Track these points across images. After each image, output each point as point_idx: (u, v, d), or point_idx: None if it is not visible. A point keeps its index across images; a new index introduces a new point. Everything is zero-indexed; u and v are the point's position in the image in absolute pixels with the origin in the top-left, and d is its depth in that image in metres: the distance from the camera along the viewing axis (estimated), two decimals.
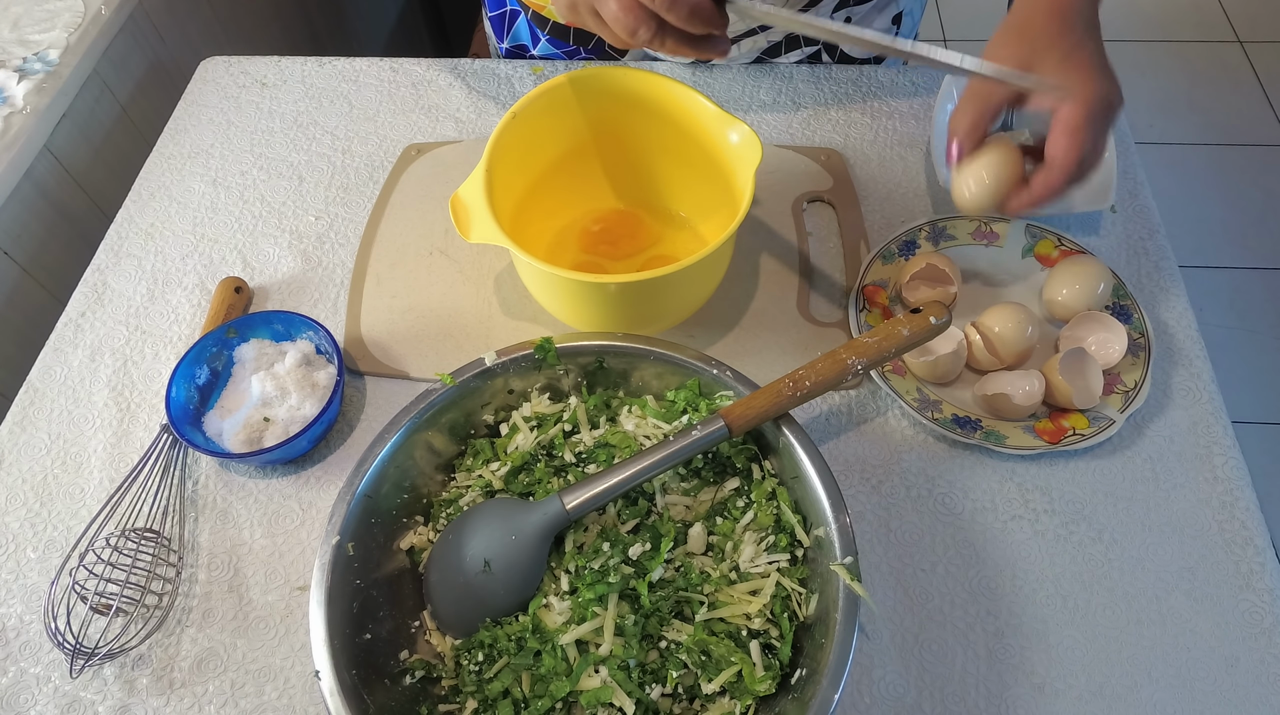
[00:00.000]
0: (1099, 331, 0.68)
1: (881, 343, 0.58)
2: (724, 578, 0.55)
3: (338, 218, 0.82)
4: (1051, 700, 0.57)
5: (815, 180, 0.81)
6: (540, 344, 0.61)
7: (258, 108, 0.91)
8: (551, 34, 0.92)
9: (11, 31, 0.91)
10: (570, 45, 0.92)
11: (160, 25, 1.05)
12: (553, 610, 0.55)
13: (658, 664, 0.54)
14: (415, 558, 0.60)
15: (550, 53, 0.94)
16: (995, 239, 0.75)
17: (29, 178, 0.86)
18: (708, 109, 0.66)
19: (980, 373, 0.69)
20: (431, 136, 0.87)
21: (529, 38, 0.94)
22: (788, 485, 0.58)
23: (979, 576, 0.61)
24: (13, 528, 0.66)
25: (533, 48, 0.95)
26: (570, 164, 0.74)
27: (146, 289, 0.78)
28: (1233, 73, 2.30)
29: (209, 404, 0.69)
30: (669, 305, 0.68)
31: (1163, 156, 2.14)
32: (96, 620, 0.60)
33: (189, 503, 0.66)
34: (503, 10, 0.95)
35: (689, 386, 0.61)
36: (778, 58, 0.91)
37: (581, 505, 0.54)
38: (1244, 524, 0.63)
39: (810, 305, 0.74)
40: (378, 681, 0.53)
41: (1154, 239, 0.77)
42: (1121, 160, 0.82)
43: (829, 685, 0.48)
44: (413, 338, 0.73)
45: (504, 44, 0.98)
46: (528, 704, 0.53)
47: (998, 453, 0.66)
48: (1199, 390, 0.69)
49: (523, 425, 0.62)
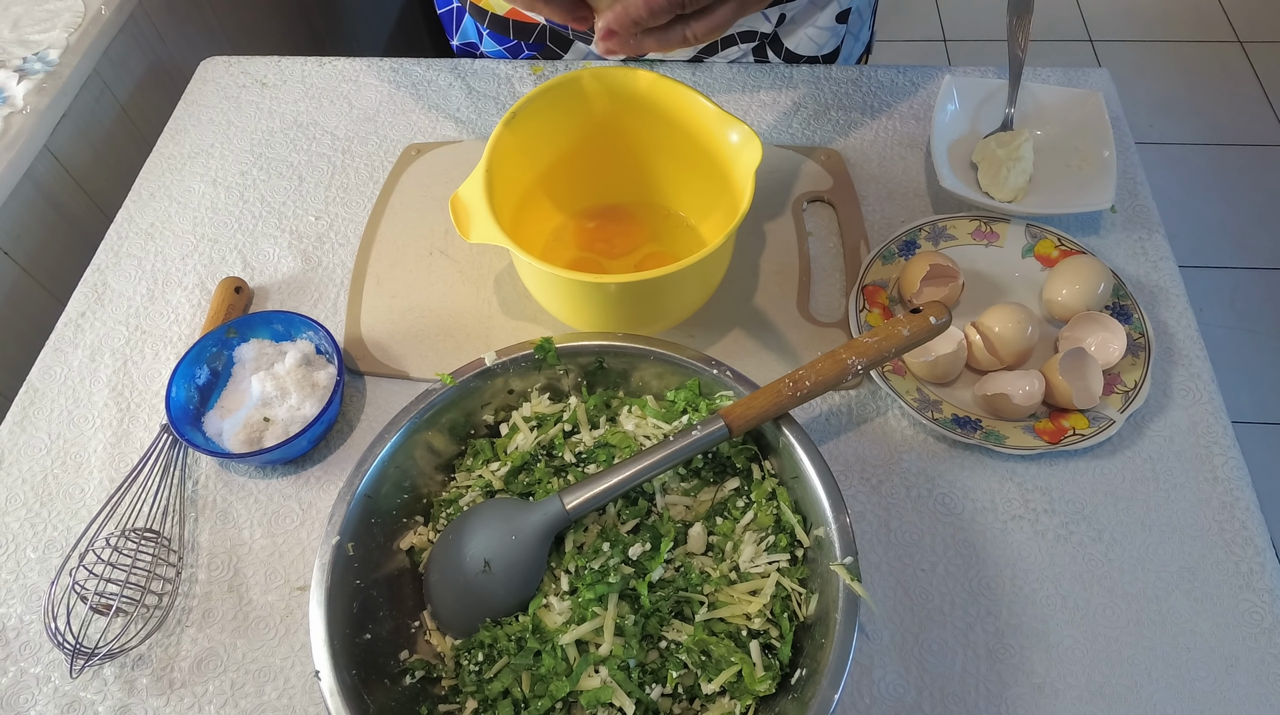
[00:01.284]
0: (1099, 331, 0.68)
1: (881, 343, 0.58)
2: (724, 578, 0.55)
3: (338, 218, 0.82)
4: (1051, 700, 0.57)
5: (815, 180, 0.81)
6: (540, 344, 0.61)
7: (258, 108, 0.91)
8: (491, 27, 0.91)
9: (11, 31, 0.91)
10: (511, 40, 0.91)
11: (160, 25, 1.05)
12: (553, 610, 0.55)
13: (658, 664, 0.54)
14: (415, 558, 0.60)
15: (494, 49, 0.93)
16: (995, 239, 0.76)
17: (29, 178, 0.86)
18: (708, 109, 0.66)
19: (980, 373, 0.69)
20: (431, 136, 0.87)
21: (475, 34, 0.94)
22: (788, 485, 0.58)
23: (979, 576, 0.61)
24: (13, 528, 0.66)
25: (480, 44, 0.94)
26: (570, 164, 0.74)
27: (146, 289, 0.78)
28: (1233, 73, 2.30)
29: (209, 404, 0.69)
30: (669, 305, 0.68)
31: (1163, 156, 2.14)
32: (96, 620, 0.60)
33: (189, 503, 0.66)
34: (450, 6, 0.94)
35: (689, 386, 0.61)
36: (713, 55, 0.90)
37: (581, 505, 0.54)
38: (1244, 524, 0.63)
39: (810, 305, 0.74)
40: (378, 681, 0.53)
41: (1154, 239, 0.77)
42: (1121, 160, 0.82)
43: (829, 685, 0.48)
44: (413, 338, 0.73)
45: (455, 41, 0.97)
46: (528, 704, 0.53)
47: (998, 453, 0.66)
48: (1199, 390, 0.69)
49: (523, 425, 0.62)
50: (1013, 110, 0.81)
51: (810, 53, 0.91)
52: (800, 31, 0.89)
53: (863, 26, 0.94)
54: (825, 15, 0.89)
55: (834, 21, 0.89)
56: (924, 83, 0.89)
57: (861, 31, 0.95)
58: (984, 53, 2.37)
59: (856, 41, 0.95)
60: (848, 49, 0.94)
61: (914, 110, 0.87)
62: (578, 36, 0.89)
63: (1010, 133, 0.80)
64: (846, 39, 0.92)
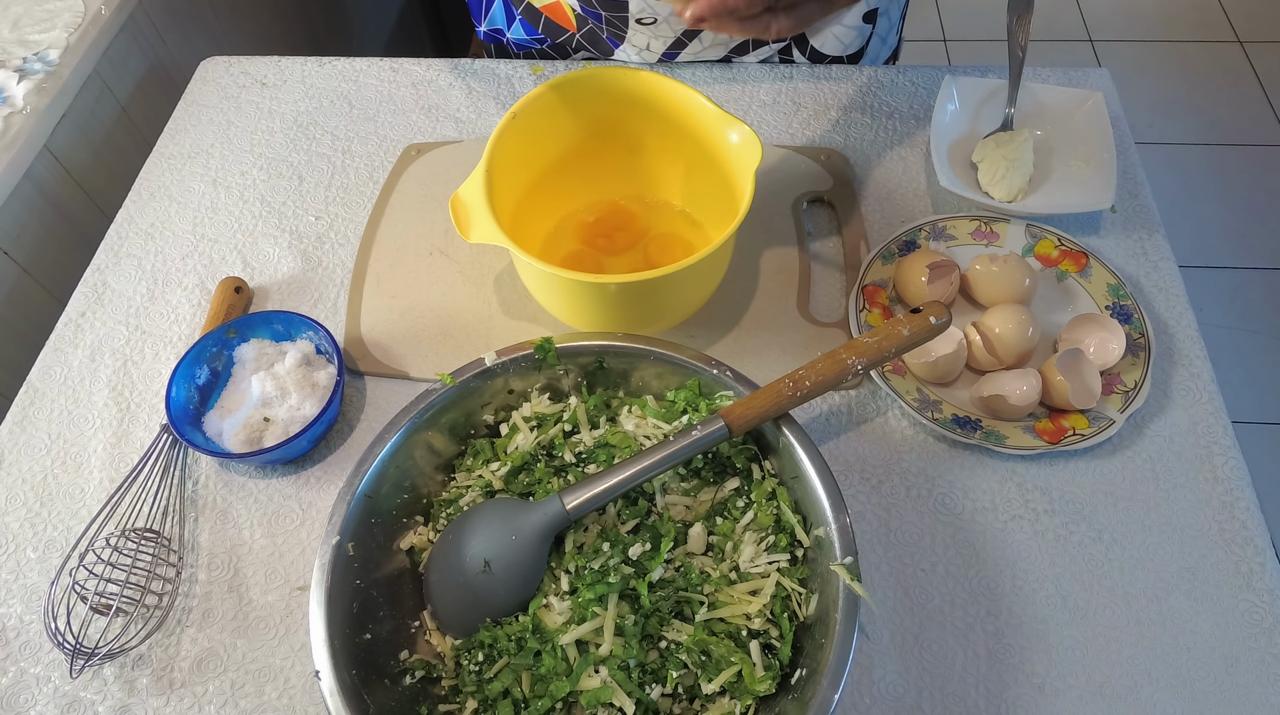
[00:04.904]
0: (1098, 332, 0.68)
1: (881, 343, 0.58)
2: (724, 578, 0.55)
3: (338, 218, 0.82)
4: (1051, 700, 0.57)
5: (815, 180, 0.81)
6: (540, 344, 0.61)
7: (258, 108, 0.91)
8: (524, 15, 0.91)
9: (11, 31, 0.91)
10: (539, 33, 0.91)
11: (160, 25, 1.05)
12: (553, 610, 0.55)
13: (658, 664, 0.54)
14: (415, 558, 0.60)
15: (520, 37, 0.93)
16: (995, 239, 0.75)
17: (29, 178, 0.86)
18: (708, 109, 0.66)
19: (980, 373, 0.69)
20: (431, 136, 0.87)
21: (504, 20, 0.94)
22: (788, 485, 0.58)
23: (979, 576, 0.61)
24: (13, 528, 0.66)
25: (507, 29, 0.94)
26: (570, 164, 0.74)
27: (146, 289, 0.78)
28: (1233, 73, 2.30)
29: (209, 404, 0.69)
30: (669, 305, 0.68)
31: (1163, 156, 2.14)
32: (96, 620, 0.60)
33: (189, 503, 0.66)
34: None
35: (689, 386, 0.61)
36: (744, 55, 0.91)
37: (581, 505, 0.54)
38: (1244, 524, 0.63)
39: (810, 305, 0.74)
40: (378, 681, 0.53)
41: (1154, 239, 0.77)
42: (1121, 160, 0.82)
43: (829, 685, 0.48)
44: (413, 338, 0.73)
45: (482, 27, 0.97)
46: (528, 704, 0.53)
47: (998, 453, 0.66)
48: (1199, 390, 0.69)
49: (523, 425, 0.62)
50: (1013, 110, 0.81)
51: (835, 52, 0.91)
52: (827, 30, 0.89)
53: (890, 30, 0.94)
54: (852, 14, 0.89)
55: (860, 21, 0.89)
56: (924, 83, 0.89)
57: (889, 35, 0.95)
58: (984, 53, 2.37)
59: (884, 45, 0.94)
60: (874, 51, 0.94)
61: (914, 110, 0.87)
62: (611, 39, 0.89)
63: (1010, 133, 0.80)
64: (873, 41, 0.92)
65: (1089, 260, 0.73)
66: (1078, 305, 0.72)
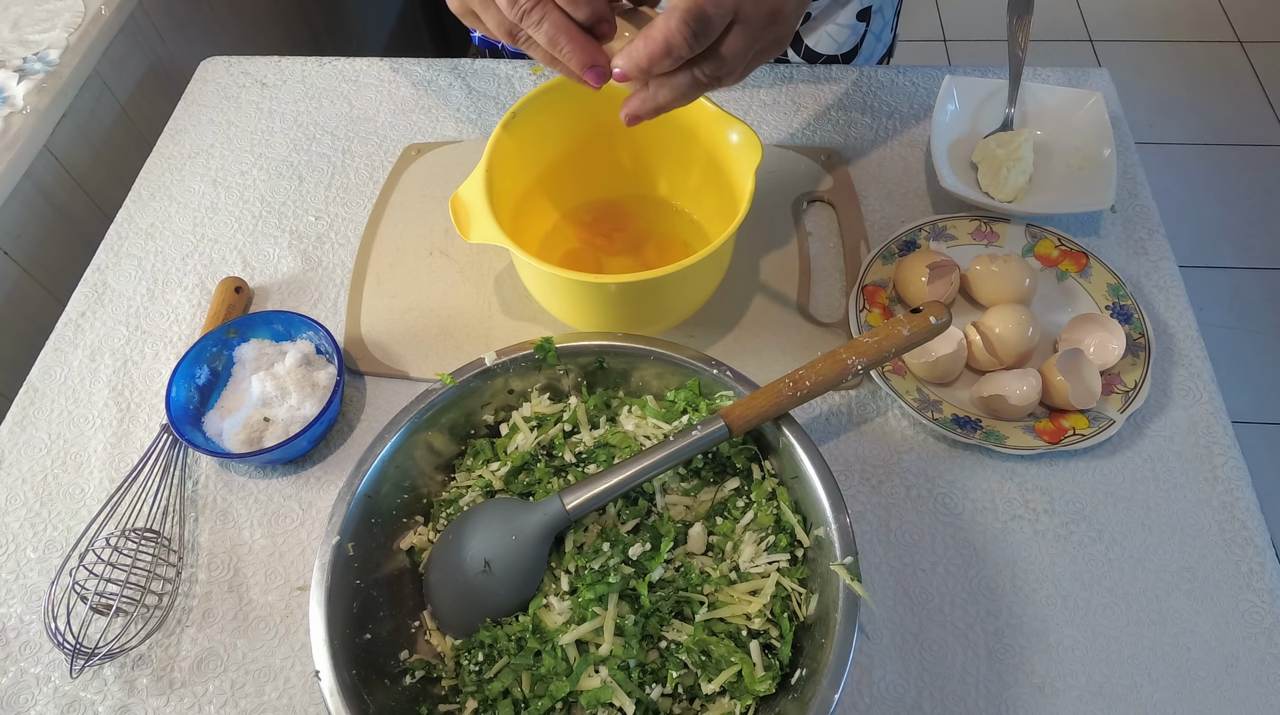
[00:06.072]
0: (1098, 331, 0.68)
1: (881, 343, 0.58)
2: (724, 578, 0.55)
3: (338, 218, 0.82)
4: (1051, 700, 0.57)
5: (815, 180, 0.81)
6: (540, 344, 0.61)
7: (258, 108, 0.91)
8: None
9: (11, 31, 0.91)
10: None
11: (160, 25, 1.05)
12: (553, 610, 0.55)
13: (658, 664, 0.54)
14: (415, 558, 0.60)
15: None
16: (995, 239, 0.75)
17: (29, 178, 0.86)
18: (707, 109, 0.66)
19: (980, 373, 0.69)
20: (431, 136, 0.87)
21: None
22: (788, 485, 0.58)
23: (979, 576, 0.61)
24: (13, 528, 0.66)
25: None
26: (570, 164, 0.74)
27: (146, 289, 0.78)
28: (1233, 73, 2.30)
29: (209, 404, 0.69)
30: (669, 305, 0.68)
31: (1163, 156, 2.14)
32: (96, 620, 0.60)
33: (189, 503, 0.66)
34: None
35: (689, 386, 0.61)
36: None
37: (581, 505, 0.54)
38: (1244, 524, 0.63)
39: (810, 305, 0.74)
40: (378, 681, 0.53)
41: (1154, 239, 0.77)
42: (1121, 160, 0.82)
43: (829, 685, 0.48)
44: (413, 338, 0.73)
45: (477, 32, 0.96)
46: (528, 704, 0.53)
47: (998, 453, 0.66)
48: (1199, 390, 0.69)
49: (523, 425, 0.62)
50: (1013, 110, 0.81)
51: (830, 51, 0.91)
52: (821, 29, 0.89)
53: (884, 28, 0.94)
54: (846, 13, 0.89)
55: (854, 19, 0.89)
56: (924, 83, 0.89)
57: (884, 33, 0.94)
58: (984, 53, 2.37)
59: (878, 42, 0.94)
60: (869, 49, 0.93)
61: (914, 110, 0.87)
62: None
63: (1010, 133, 0.80)
64: (867, 39, 0.92)
65: (1089, 260, 0.73)
66: (1078, 305, 0.72)
